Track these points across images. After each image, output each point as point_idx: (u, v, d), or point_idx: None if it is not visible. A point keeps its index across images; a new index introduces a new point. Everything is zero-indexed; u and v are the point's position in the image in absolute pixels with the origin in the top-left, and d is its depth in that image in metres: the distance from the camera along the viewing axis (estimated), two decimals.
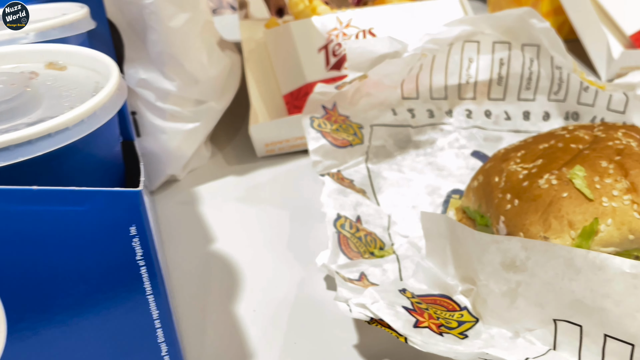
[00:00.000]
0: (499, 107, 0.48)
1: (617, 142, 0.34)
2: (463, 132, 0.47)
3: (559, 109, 0.48)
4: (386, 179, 0.43)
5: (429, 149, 0.46)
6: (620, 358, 0.27)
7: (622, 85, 0.43)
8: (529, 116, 0.48)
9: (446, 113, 0.47)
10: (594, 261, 0.26)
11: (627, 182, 0.32)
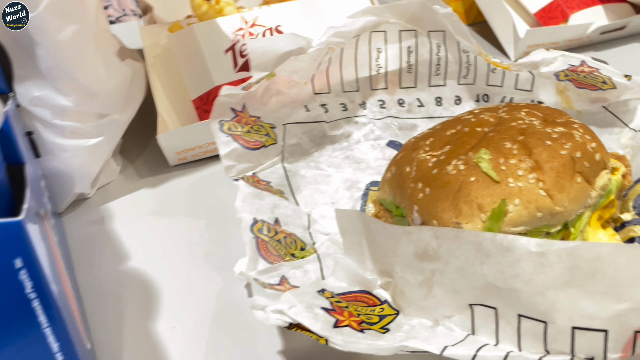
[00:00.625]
0: (411, 95, 0.48)
1: (520, 122, 0.35)
2: (378, 123, 0.47)
3: (470, 92, 0.48)
4: (304, 177, 0.43)
5: (345, 142, 0.46)
6: (535, 337, 0.27)
7: (525, 64, 0.44)
8: (441, 101, 0.49)
9: (360, 105, 0.47)
10: (501, 243, 0.27)
11: (531, 161, 0.32)
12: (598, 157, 0.34)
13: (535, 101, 0.47)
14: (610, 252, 0.25)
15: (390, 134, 0.47)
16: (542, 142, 0.33)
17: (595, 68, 0.43)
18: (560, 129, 0.34)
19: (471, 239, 0.27)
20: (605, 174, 0.35)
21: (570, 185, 0.32)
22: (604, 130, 0.45)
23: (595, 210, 0.35)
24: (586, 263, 0.25)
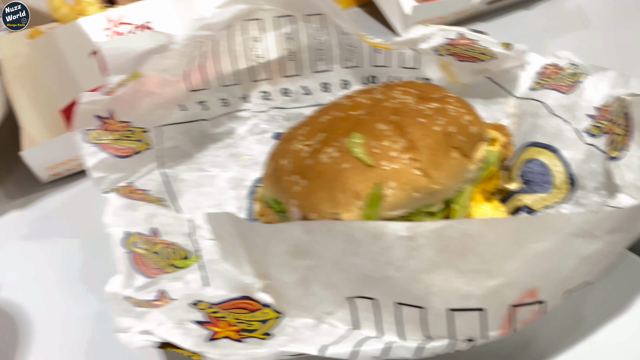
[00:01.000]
0: (296, 83, 0.47)
1: (394, 102, 0.34)
2: (262, 116, 0.45)
3: (356, 75, 0.47)
4: (185, 180, 0.41)
5: (229, 140, 0.44)
6: (415, 324, 0.26)
7: (405, 42, 0.43)
8: (328, 87, 0.47)
9: (241, 99, 0.45)
10: (371, 231, 0.26)
11: (404, 140, 0.32)
12: (474, 130, 0.34)
13: (422, 78, 0.46)
14: (478, 228, 0.25)
15: (277, 126, 0.45)
16: (415, 120, 0.32)
17: (473, 40, 0.43)
18: (434, 105, 0.34)
19: (341, 230, 0.26)
20: (484, 146, 0.34)
21: (446, 161, 0.32)
22: (490, 101, 0.46)
23: (477, 183, 0.34)
24: (455, 242, 0.25)
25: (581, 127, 0.39)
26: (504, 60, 0.43)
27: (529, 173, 0.38)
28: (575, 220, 0.24)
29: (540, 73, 0.44)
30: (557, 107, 0.41)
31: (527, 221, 0.24)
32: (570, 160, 0.38)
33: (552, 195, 0.37)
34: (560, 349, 0.30)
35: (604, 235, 0.25)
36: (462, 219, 0.25)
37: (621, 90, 0.40)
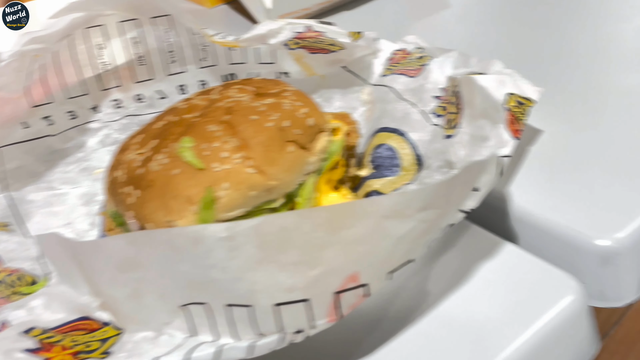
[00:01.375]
0: (150, 88, 0.46)
1: (229, 101, 0.34)
2: (115, 125, 0.44)
3: (214, 74, 0.47)
4: (33, 202, 0.40)
5: (79, 153, 0.43)
6: (246, 323, 0.27)
7: (252, 38, 0.43)
8: (185, 89, 0.47)
9: (91, 109, 0.44)
10: (191, 236, 0.26)
11: (236, 140, 0.32)
12: (311, 122, 0.34)
13: (281, 72, 0.47)
14: (294, 221, 0.25)
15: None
16: (247, 118, 0.33)
17: (320, 32, 0.43)
18: (269, 101, 0.34)
19: (162, 238, 0.26)
20: (324, 136, 0.35)
21: (281, 156, 0.32)
22: (347, 91, 0.47)
23: (321, 174, 0.35)
24: (273, 237, 0.25)
25: (428, 108, 0.40)
26: (354, 49, 0.44)
27: (379, 158, 0.39)
28: (385, 202, 0.25)
29: (390, 59, 0.45)
30: (405, 92, 0.42)
31: (339, 209, 0.25)
32: (417, 142, 0.39)
33: (401, 177, 0.38)
34: (407, 327, 0.31)
35: (415, 214, 0.26)
36: (280, 213, 0.25)
37: (463, 69, 0.42)
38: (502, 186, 0.37)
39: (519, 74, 0.38)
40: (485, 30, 0.55)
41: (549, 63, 0.48)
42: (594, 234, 0.33)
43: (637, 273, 0.34)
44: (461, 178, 0.28)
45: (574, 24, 0.53)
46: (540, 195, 0.36)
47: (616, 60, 0.47)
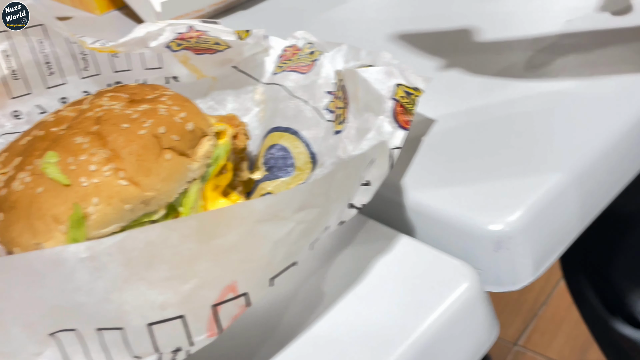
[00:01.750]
0: (28, 103, 0.43)
1: (99, 110, 0.32)
2: None
3: (98, 83, 0.45)
4: None
5: None
6: (119, 347, 0.25)
7: (131, 42, 0.42)
8: (67, 101, 0.45)
9: None
10: (50, 259, 0.24)
11: (106, 151, 0.30)
12: (190, 127, 0.33)
13: (170, 77, 0.45)
14: (160, 234, 0.24)
15: None
16: (118, 127, 0.31)
17: (203, 31, 0.42)
18: (144, 107, 0.33)
19: (20, 263, 0.24)
20: (208, 141, 0.34)
21: (157, 165, 0.31)
22: (240, 91, 0.45)
23: (207, 180, 0.34)
24: (139, 252, 0.24)
25: (321, 104, 0.40)
26: (242, 47, 0.43)
27: (271, 159, 0.38)
28: (258, 206, 0.24)
29: (281, 56, 0.44)
30: (297, 89, 0.41)
31: (208, 217, 0.24)
32: (310, 140, 0.39)
33: (295, 177, 0.38)
34: (302, 332, 0.30)
35: (291, 215, 0.25)
36: (145, 227, 0.24)
37: (353, 62, 0.41)
38: (397, 178, 0.37)
39: (406, 64, 0.37)
40: (382, 23, 0.55)
41: (444, 52, 0.49)
42: (487, 219, 0.34)
43: (530, 256, 0.34)
44: (341, 173, 0.27)
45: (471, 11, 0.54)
46: (434, 185, 0.36)
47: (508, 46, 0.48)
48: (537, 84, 0.42)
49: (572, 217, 0.36)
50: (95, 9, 0.64)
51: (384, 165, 0.32)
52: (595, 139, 0.37)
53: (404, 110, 0.34)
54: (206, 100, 0.46)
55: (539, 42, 0.47)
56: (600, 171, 0.37)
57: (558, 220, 0.36)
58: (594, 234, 0.68)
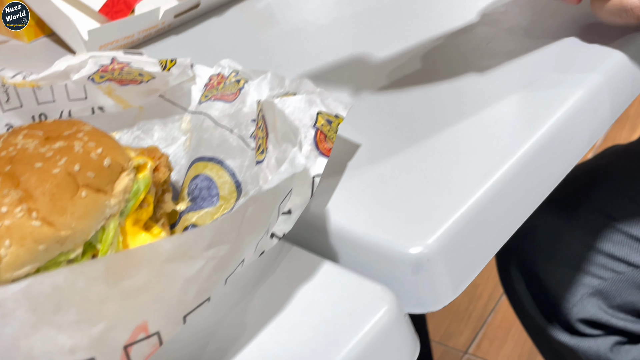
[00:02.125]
0: None
1: (12, 149, 0.32)
2: None
3: (21, 116, 0.45)
4: None
5: None
6: None
7: (52, 76, 0.41)
8: None
9: None
10: None
11: (19, 191, 0.30)
12: (108, 162, 0.33)
13: (96, 107, 0.45)
14: (67, 278, 0.24)
15: None
16: (32, 166, 0.31)
17: (126, 63, 0.42)
18: (59, 144, 0.33)
19: None
20: (126, 175, 0.34)
21: (73, 203, 0.31)
22: (167, 120, 0.46)
23: (126, 215, 0.34)
24: (46, 297, 0.24)
25: (247, 133, 0.40)
26: (164, 78, 0.43)
27: (196, 189, 0.39)
28: (166, 246, 0.25)
29: (207, 85, 0.45)
30: (222, 117, 0.42)
31: (116, 258, 0.24)
32: (235, 169, 0.39)
33: (220, 207, 0.38)
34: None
35: (201, 253, 0.26)
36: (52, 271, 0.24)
37: (278, 90, 0.42)
38: (321, 204, 0.38)
39: (327, 91, 0.39)
40: (313, 45, 0.57)
41: (370, 74, 0.50)
42: (406, 243, 0.35)
43: (449, 276, 0.36)
44: (252, 207, 0.28)
45: (397, 35, 0.55)
46: (356, 210, 0.37)
47: (429, 70, 0.50)
48: (457, 107, 0.44)
49: (489, 236, 0.38)
50: (23, 37, 0.63)
51: (305, 193, 0.33)
52: (507, 159, 0.39)
53: (325, 137, 0.35)
54: (133, 130, 0.46)
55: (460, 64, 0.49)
56: (514, 190, 0.39)
57: (475, 241, 0.37)
58: (526, 245, 0.71)
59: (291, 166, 0.30)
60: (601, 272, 0.66)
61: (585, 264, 0.67)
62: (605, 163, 0.71)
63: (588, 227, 0.66)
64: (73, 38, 0.57)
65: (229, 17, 0.64)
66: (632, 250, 0.66)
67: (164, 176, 0.36)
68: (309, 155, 0.34)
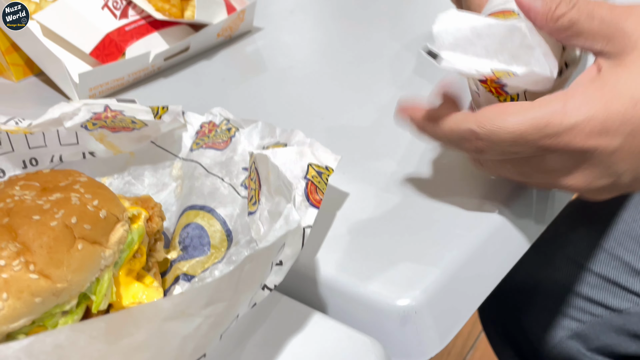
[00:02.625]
0: None
1: (9, 201, 0.33)
2: None
3: (12, 160, 0.45)
4: None
5: None
6: None
7: (46, 123, 0.42)
8: None
9: None
10: None
11: (16, 244, 0.30)
12: (103, 214, 0.34)
13: (87, 152, 0.46)
14: (68, 336, 0.24)
15: None
16: (29, 219, 0.31)
17: (119, 111, 0.43)
18: (56, 196, 0.33)
19: None
20: (121, 226, 0.35)
21: (69, 256, 0.31)
22: (158, 166, 0.46)
23: (120, 266, 0.35)
24: (47, 356, 0.24)
25: (237, 181, 0.41)
26: (156, 125, 0.44)
27: (187, 238, 0.40)
28: (165, 305, 0.26)
29: (199, 132, 0.46)
30: (213, 166, 0.43)
31: (116, 318, 0.25)
32: (226, 217, 0.40)
33: (210, 255, 0.39)
34: None
35: (199, 311, 0.26)
36: (53, 330, 0.25)
37: (269, 139, 0.43)
38: (311, 254, 0.39)
39: (318, 142, 0.40)
40: (301, 92, 0.58)
41: (359, 123, 0.52)
42: (394, 295, 0.36)
43: (436, 328, 0.37)
44: (249, 265, 0.29)
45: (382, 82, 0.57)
46: (345, 261, 0.38)
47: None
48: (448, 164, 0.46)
49: (474, 287, 0.39)
50: (12, 76, 0.64)
51: (296, 244, 0.34)
52: (492, 213, 0.40)
53: (316, 188, 0.37)
54: (123, 175, 0.46)
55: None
56: (498, 242, 0.40)
57: (461, 292, 0.38)
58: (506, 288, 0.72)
59: (286, 223, 0.31)
60: (580, 315, 0.68)
61: (564, 307, 0.68)
62: (583, 206, 0.73)
63: (565, 271, 0.68)
64: (63, 80, 0.57)
65: (218, 60, 0.65)
66: (609, 294, 0.68)
67: (157, 226, 0.37)
68: (300, 206, 0.35)
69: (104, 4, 0.60)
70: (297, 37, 0.70)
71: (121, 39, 0.60)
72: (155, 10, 0.61)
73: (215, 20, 0.63)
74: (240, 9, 0.65)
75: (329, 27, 0.72)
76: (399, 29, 0.55)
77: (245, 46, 0.68)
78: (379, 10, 0.73)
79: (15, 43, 0.60)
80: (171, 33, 0.63)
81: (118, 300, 0.34)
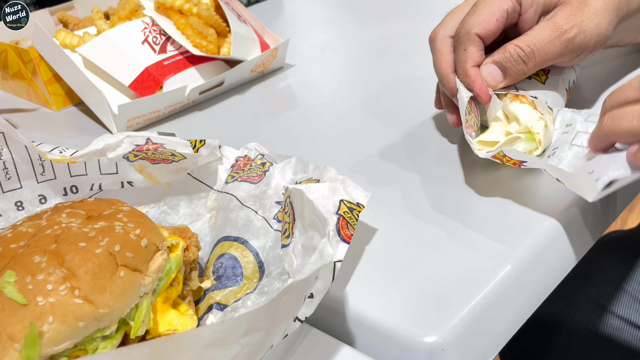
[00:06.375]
0: None
1: (57, 228, 0.34)
2: None
3: (54, 187, 0.47)
4: None
5: None
6: None
7: (90, 154, 0.44)
8: (22, 205, 0.46)
9: None
10: None
11: (63, 270, 0.32)
12: (145, 243, 0.35)
13: (126, 182, 0.48)
14: None
15: None
16: (76, 245, 0.33)
17: (160, 144, 0.45)
18: (101, 224, 0.35)
19: None
20: (160, 255, 0.36)
21: (112, 282, 0.32)
22: (193, 197, 0.48)
23: (158, 293, 0.36)
24: None
25: (270, 214, 0.43)
26: (194, 159, 0.46)
27: (220, 268, 0.41)
28: (206, 333, 0.27)
29: (234, 166, 0.47)
30: (247, 198, 0.44)
31: (160, 343, 0.26)
32: (259, 249, 0.41)
33: (243, 286, 0.40)
34: None
35: (238, 339, 0.27)
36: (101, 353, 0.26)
37: (301, 175, 0.45)
38: (340, 288, 0.40)
39: (350, 179, 0.41)
40: (332, 128, 0.60)
41: (388, 161, 0.53)
42: (421, 331, 0.36)
43: None
44: (286, 297, 0.30)
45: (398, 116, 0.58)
46: (373, 295, 0.39)
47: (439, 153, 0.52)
48: (471, 200, 0.47)
49: (500, 326, 0.40)
50: (52, 106, 0.66)
51: (327, 278, 0.35)
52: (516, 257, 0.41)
53: (347, 224, 0.38)
54: (159, 205, 0.48)
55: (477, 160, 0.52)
56: (526, 281, 0.41)
57: (488, 330, 0.39)
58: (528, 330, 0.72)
59: (321, 257, 0.32)
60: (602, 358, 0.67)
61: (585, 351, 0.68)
62: (604, 250, 0.73)
63: (587, 314, 0.68)
64: (103, 111, 0.60)
65: (251, 95, 0.67)
66: (630, 337, 0.67)
67: (193, 255, 0.38)
68: (331, 240, 0.36)
69: (144, 39, 0.63)
70: (328, 74, 0.72)
71: (159, 72, 0.62)
72: (192, 47, 0.63)
73: (250, 57, 0.66)
74: (274, 47, 0.67)
75: (358, 65, 0.74)
76: (428, 66, 0.56)
77: (277, 82, 0.70)
78: (407, 49, 0.74)
79: (58, 74, 0.63)
80: (207, 68, 0.66)
81: (155, 327, 0.35)
